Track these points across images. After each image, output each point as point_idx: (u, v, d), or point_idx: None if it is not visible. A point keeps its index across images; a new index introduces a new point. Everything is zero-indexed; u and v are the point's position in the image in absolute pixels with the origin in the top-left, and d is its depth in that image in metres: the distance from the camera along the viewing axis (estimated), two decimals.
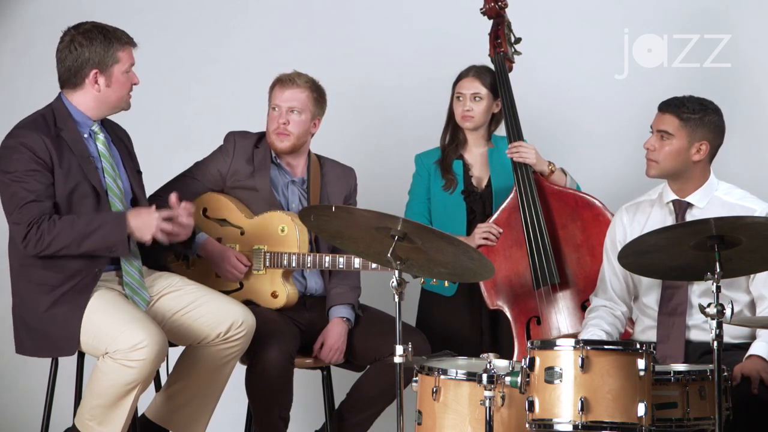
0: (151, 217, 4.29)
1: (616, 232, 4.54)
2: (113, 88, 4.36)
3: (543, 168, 4.87)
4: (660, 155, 4.37)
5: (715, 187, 4.44)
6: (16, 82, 5.82)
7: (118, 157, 4.46)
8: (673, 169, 4.38)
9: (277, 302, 4.72)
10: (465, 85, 4.95)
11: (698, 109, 4.36)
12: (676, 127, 4.35)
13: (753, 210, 4.38)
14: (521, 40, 5.06)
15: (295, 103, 4.74)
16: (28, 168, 4.24)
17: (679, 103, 4.37)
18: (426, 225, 3.89)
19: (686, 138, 4.35)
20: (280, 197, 4.80)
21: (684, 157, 4.37)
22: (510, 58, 5.02)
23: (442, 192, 4.97)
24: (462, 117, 4.95)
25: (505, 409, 3.82)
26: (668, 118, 4.37)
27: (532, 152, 4.85)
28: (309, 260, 4.69)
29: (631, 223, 4.51)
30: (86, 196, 4.31)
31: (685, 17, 5.58)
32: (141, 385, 4.23)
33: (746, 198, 4.43)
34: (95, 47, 4.32)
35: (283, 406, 4.63)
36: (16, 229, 4.28)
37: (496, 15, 5.03)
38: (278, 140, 4.76)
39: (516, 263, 4.85)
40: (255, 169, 4.78)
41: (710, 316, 3.74)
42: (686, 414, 3.84)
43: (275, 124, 4.76)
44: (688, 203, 4.43)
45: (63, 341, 4.27)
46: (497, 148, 5.00)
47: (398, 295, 3.90)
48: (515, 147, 4.86)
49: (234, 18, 5.81)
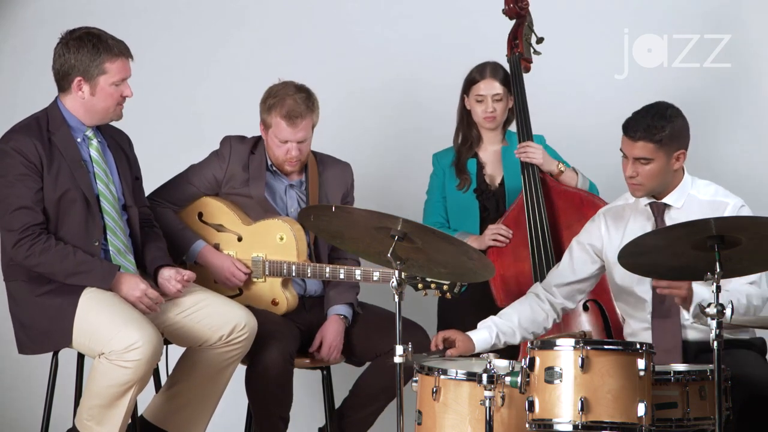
0: (138, 288, 4.31)
1: (592, 234, 4.51)
2: (98, 98, 4.33)
3: (551, 168, 4.89)
4: (643, 179, 4.33)
5: (690, 186, 4.42)
6: (17, 82, 5.82)
7: (112, 162, 4.45)
8: (659, 185, 4.37)
9: (277, 309, 4.71)
10: (485, 86, 4.95)
11: (665, 124, 4.27)
12: (652, 150, 4.29)
13: (726, 204, 4.36)
14: (544, 39, 5.04)
15: (304, 133, 4.69)
16: (19, 173, 4.24)
17: (645, 125, 4.27)
18: (426, 225, 3.89)
19: (664, 156, 4.31)
20: (278, 203, 4.79)
21: (665, 171, 4.34)
22: (527, 58, 5.02)
23: (456, 191, 4.98)
24: (485, 118, 4.95)
25: (505, 409, 3.82)
26: (642, 146, 4.28)
27: (539, 152, 4.87)
28: (309, 270, 4.68)
29: (609, 231, 4.48)
30: (75, 201, 4.30)
31: (685, 17, 5.58)
32: (137, 385, 4.23)
33: (718, 194, 4.41)
34: (81, 55, 4.29)
35: (283, 407, 4.63)
36: (7, 234, 4.29)
37: (517, 15, 5.03)
38: (290, 167, 4.74)
39: (523, 262, 4.86)
40: (250, 177, 4.76)
41: (710, 316, 3.75)
42: (686, 414, 3.84)
43: (285, 155, 4.70)
44: (665, 204, 4.42)
45: (57, 334, 4.27)
46: (512, 145, 5.01)
47: (398, 295, 3.90)
48: (523, 147, 4.88)
49: (234, 19, 5.81)
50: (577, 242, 4.54)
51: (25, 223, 4.24)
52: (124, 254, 4.41)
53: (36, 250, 4.24)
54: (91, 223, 4.33)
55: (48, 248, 4.24)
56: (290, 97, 4.65)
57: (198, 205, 4.80)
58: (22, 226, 4.24)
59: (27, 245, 4.24)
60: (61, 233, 4.30)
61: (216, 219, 4.78)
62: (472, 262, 3.96)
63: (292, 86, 4.69)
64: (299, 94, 4.66)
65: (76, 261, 4.26)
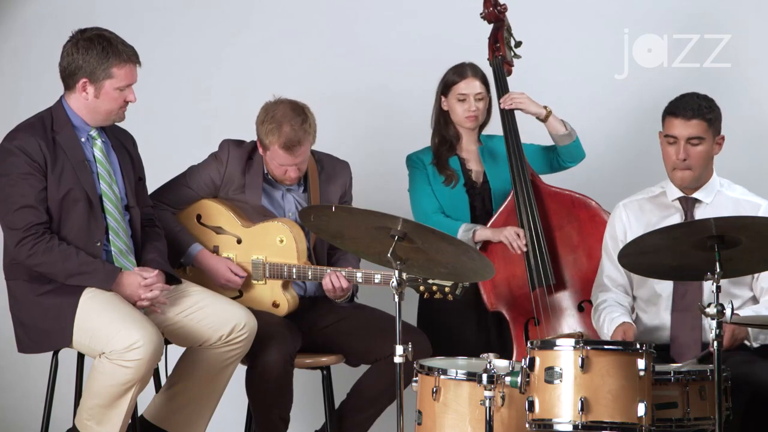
0: (138, 288, 4.31)
1: (616, 228, 4.53)
2: (102, 100, 4.33)
3: (539, 110, 4.90)
4: (693, 162, 4.36)
5: (718, 184, 4.45)
6: (19, 82, 5.81)
7: (116, 162, 4.45)
8: (702, 172, 4.40)
9: (278, 311, 4.71)
10: (466, 86, 4.95)
11: (712, 105, 4.39)
12: (705, 129, 4.35)
13: (758, 205, 4.41)
14: (522, 43, 5.06)
15: (302, 158, 4.67)
16: (23, 171, 4.25)
17: (696, 105, 4.35)
18: (426, 225, 3.89)
19: (711, 138, 4.37)
20: (276, 208, 4.79)
21: (710, 156, 4.40)
22: (509, 62, 5.04)
23: (444, 187, 4.96)
24: (467, 118, 4.95)
25: (505, 409, 3.82)
26: (696, 123, 4.34)
27: (524, 97, 4.90)
28: (310, 273, 4.68)
29: (631, 220, 4.51)
30: (78, 200, 4.30)
31: (685, 17, 5.58)
32: (138, 385, 4.23)
33: (747, 193, 4.46)
34: (90, 57, 4.29)
35: (283, 407, 4.63)
36: (10, 233, 4.29)
37: (495, 19, 5.04)
38: (289, 182, 4.74)
39: (514, 265, 4.85)
40: (246, 184, 4.76)
41: (710, 316, 3.75)
42: (686, 414, 3.84)
43: (284, 176, 4.69)
44: (695, 200, 4.43)
45: (57, 333, 4.28)
46: (486, 145, 5.03)
47: (398, 295, 3.90)
48: (508, 97, 4.91)
49: (239, 20, 5.80)
50: (608, 243, 4.55)
51: (29, 222, 4.24)
52: (126, 255, 4.41)
53: (39, 250, 4.24)
54: (93, 223, 4.33)
55: (51, 248, 4.24)
56: (287, 124, 4.60)
57: (197, 207, 4.80)
58: (26, 225, 4.24)
59: (30, 244, 4.24)
60: (63, 233, 4.30)
61: (215, 221, 4.78)
62: (472, 262, 3.96)
63: (288, 107, 4.64)
64: (296, 119, 4.61)
65: (79, 261, 4.26)
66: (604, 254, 4.57)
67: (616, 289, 4.52)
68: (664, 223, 4.39)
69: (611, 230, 4.56)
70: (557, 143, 4.96)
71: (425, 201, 4.96)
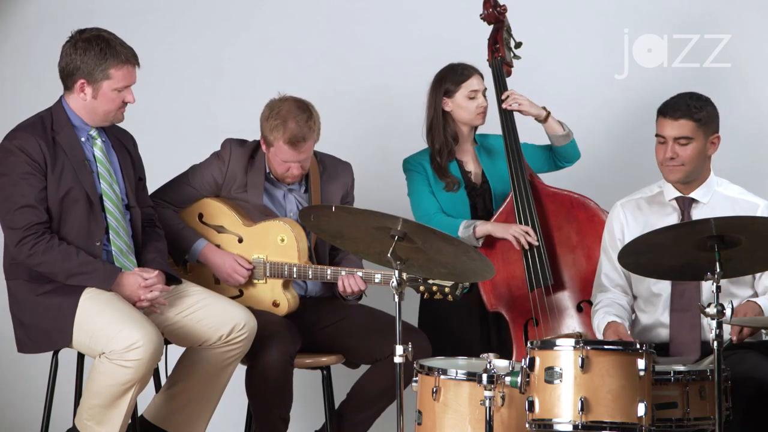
0: (138, 288, 4.31)
1: (614, 228, 4.54)
2: (99, 101, 4.32)
3: (539, 112, 4.91)
4: (684, 159, 4.37)
5: (716, 183, 4.45)
6: (19, 81, 5.82)
7: (116, 162, 4.45)
8: (696, 169, 4.40)
9: (278, 311, 4.71)
10: (475, 83, 4.95)
11: (703, 105, 4.38)
12: (693, 129, 4.35)
13: (756, 205, 4.41)
14: (522, 44, 5.06)
15: (306, 155, 4.68)
16: (23, 171, 4.25)
17: (685, 105, 4.36)
18: (426, 225, 3.89)
19: (703, 137, 4.37)
20: (277, 208, 4.79)
21: (703, 155, 4.40)
22: (508, 63, 5.04)
23: (445, 192, 4.97)
24: (479, 114, 4.95)
25: (505, 409, 3.83)
26: (683, 123, 4.35)
27: (525, 99, 4.91)
28: (311, 272, 4.68)
29: (629, 219, 4.51)
30: (78, 200, 4.30)
31: (685, 17, 5.58)
32: (138, 385, 4.23)
33: (745, 193, 4.47)
34: (88, 58, 4.28)
35: (283, 407, 4.63)
36: (10, 232, 4.29)
37: (495, 20, 5.04)
38: (291, 180, 4.74)
39: (513, 266, 4.85)
40: (248, 184, 4.76)
41: (710, 316, 3.75)
42: (686, 414, 3.84)
43: (287, 172, 4.70)
44: (692, 199, 4.43)
45: (57, 333, 4.28)
46: (481, 144, 5.04)
47: (398, 295, 3.90)
48: (510, 96, 4.92)
49: (241, 20, 5.80)
50: (607, 243, 4.54)
51: (29, 221, 4.24)
52: (126, 255, 4.41)
53: (39, 249, 4.24)
54: (93, 222, 4.33)
55: (51, 248, 4.24)
56: (292, 120, 4.61)
57: (198, 206, 4.80)
58: (26, 224, 4.24)
59: (30, 244, 4.24)
60: (63, 232, 4.30)
61: (216, 220, 4.78)
62: (472, 262, 3.96)
63: (293, 104, 4.65)
64: (301, 115, 4.62)
65: (79, 261, 4.26)
66: (603, 254, 4.58)
67: (614, 289, 4.52)
68: (662, 222, 4.39)
69: (609, 230, 4.57)
70: (554, 144, 4.97)
71: (426, 202, 4.96)
